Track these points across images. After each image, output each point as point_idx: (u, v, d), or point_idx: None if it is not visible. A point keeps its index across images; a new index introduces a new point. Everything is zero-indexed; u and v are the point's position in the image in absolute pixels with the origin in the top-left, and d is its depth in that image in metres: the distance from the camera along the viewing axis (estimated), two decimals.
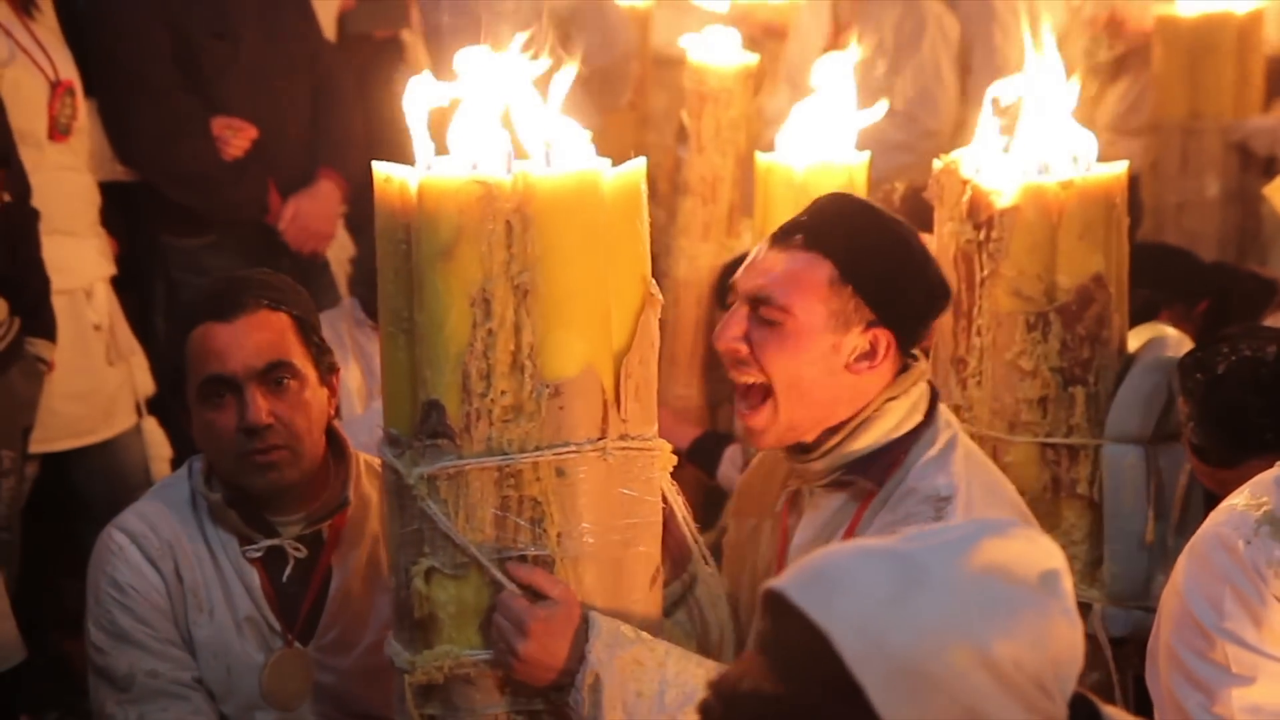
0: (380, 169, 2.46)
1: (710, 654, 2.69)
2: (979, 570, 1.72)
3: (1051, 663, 1.72)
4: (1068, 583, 1.76)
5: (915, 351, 2.75)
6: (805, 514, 2.76)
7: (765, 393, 2.66)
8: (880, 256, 2.68)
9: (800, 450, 2.73)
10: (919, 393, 2.73)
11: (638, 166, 2.51)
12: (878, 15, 6.32)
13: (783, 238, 2.67)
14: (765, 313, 2.64)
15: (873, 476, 2.69)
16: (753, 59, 5.34)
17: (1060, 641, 1.74)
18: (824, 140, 4.10)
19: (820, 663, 1.70)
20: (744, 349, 2.65)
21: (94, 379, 4.66)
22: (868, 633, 1.69)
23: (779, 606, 1.75)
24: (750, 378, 2.66)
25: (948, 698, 1.68)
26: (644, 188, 2.51)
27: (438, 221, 2.37)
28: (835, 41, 6.19)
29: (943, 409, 2.77)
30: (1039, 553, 1.75)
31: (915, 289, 2.71)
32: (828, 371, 2.65)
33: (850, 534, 2.68)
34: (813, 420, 2.68)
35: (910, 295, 2.70)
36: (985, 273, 3.07)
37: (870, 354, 2.66)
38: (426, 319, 2.40)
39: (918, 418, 2.72)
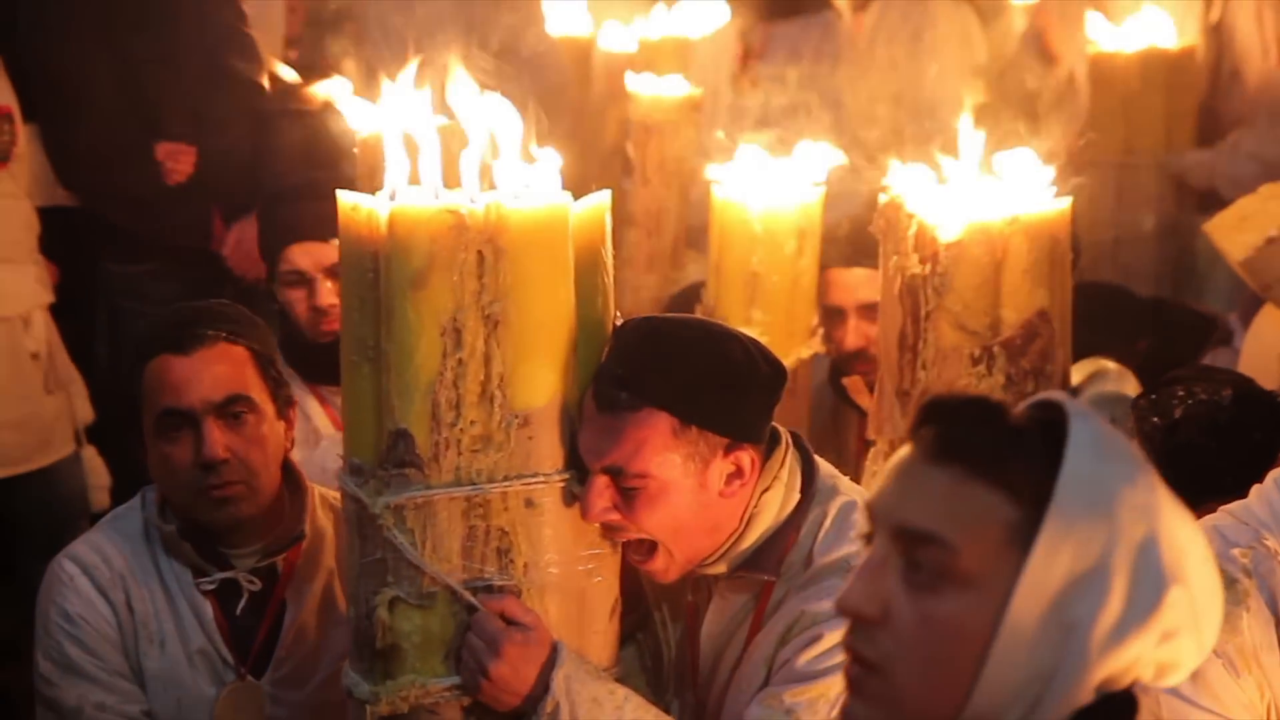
0: (346, 197, 2.46)
1: (659, 693, 2.70)
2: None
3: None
4: None
5: (773, 426, 2.70)
6: (713, 602, 2.73)
7: (651, 545, 2.60)
8: (711, 385, 2.58)
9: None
10: (788, 471, 2.67)
11: (602, 199, 2.53)
12: (793, 40, 6.34)
13: (608, 402, 2.53)
14: (624, 482, 2.54)
15: (767, 569, 2.66)
16: (697, 91, 5.37)
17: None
18: (777, 177, 4.13)
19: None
20: (616, 517, 2.56)
21: (31, 407, 4.63)
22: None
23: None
24: (632, 536, 2.60)
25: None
26: (608, 220, 2.53)
27: (410, 250, 2.38)
28: (743, 67, 6.22)
29: (823, 472, 2.72)
30: None
31: (754, 396, 2.62)
32: (704, 506, 2.59)
33: (756, 624, 2.66)
34: (709, 545, 2.63)
35: (751, 404, 2.62)
36: (930, 306, 3.08)
37: (738, 473, 2.60)
38: (396, 348, 2.41)
39: (795, 497, 2.67)
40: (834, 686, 2.52)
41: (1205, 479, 2.98)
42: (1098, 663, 1.71)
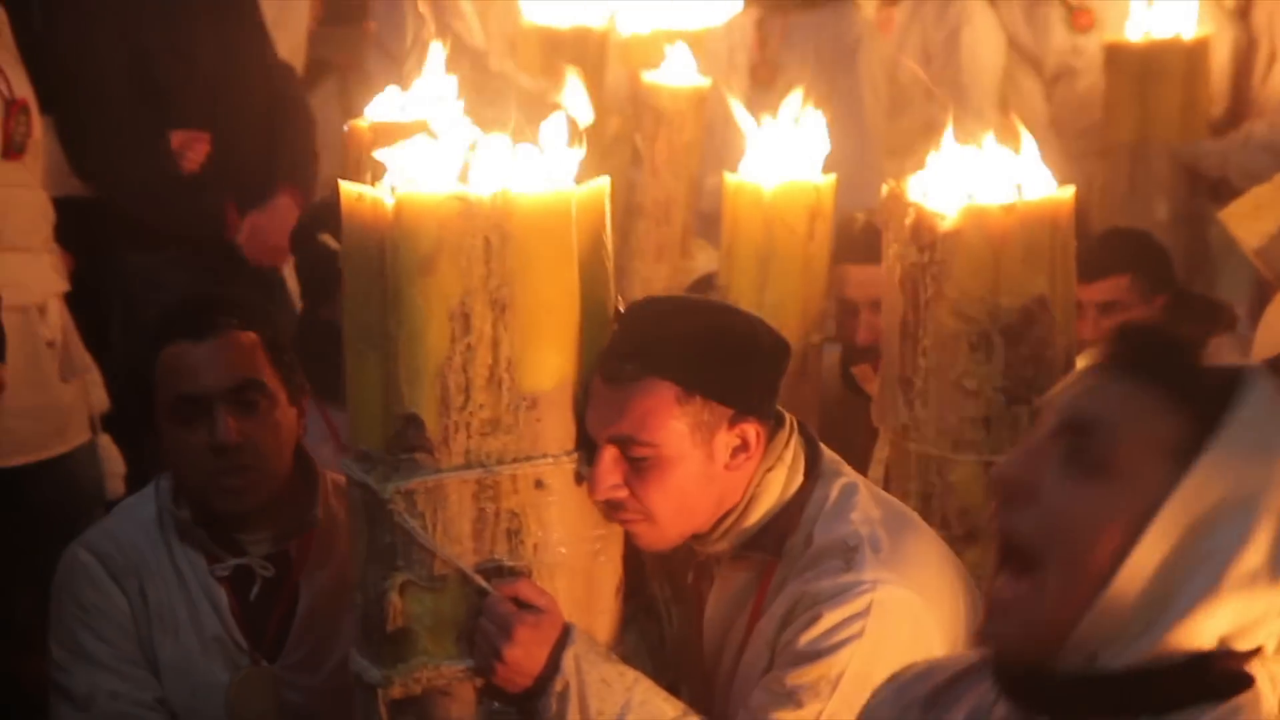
0: (349, 186, 2.48)
1: (662, 673, 2.72)
2: None
3: None
4: None
5: (778, 409, 2.71)
6: (715, 585, 2.74)
7: (646, 519, 2.62)
8: (713, 354, 2.61)
9: (698, 535, 2.69)
10: (792, 454, 2.68)
11: (601, 185, 2.55)
12: (811, 31, 6.32)
13: (615, 374, 2.55)
14: (634, 451, 2.55)
15: (769, 549, 2.67)
16: (705, 81, 5.38)
17: None
18: (790, 160, 4.14)
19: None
20: (624, 493, 2.57)
21: (47, 395, 4.65)
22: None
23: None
24: (632, 516, 2.60)
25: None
26: (608, 205, 2.56)
27: (417, 237, 2.40)
28: (762, 58, 6.22)
29: (827, 457, 2.74)
30: None
31: (756, 367, 2.65)
32: (709, 480, 2.61)
33: (759, 606, 2.67)
34: (706, 519, 2.65)
35: (754, 375, 2.64)
36: (929, 294, 3.09)
37: (743, 446, 2.62)
38: (405, 334, 2.43)
39: (799, 479, 2.68)
40: (835, 666, 2.54)
41: None
42: (1224, 600, 1.73)
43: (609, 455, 2.55)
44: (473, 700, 2.53)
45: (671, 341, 2.58)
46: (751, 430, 2.62)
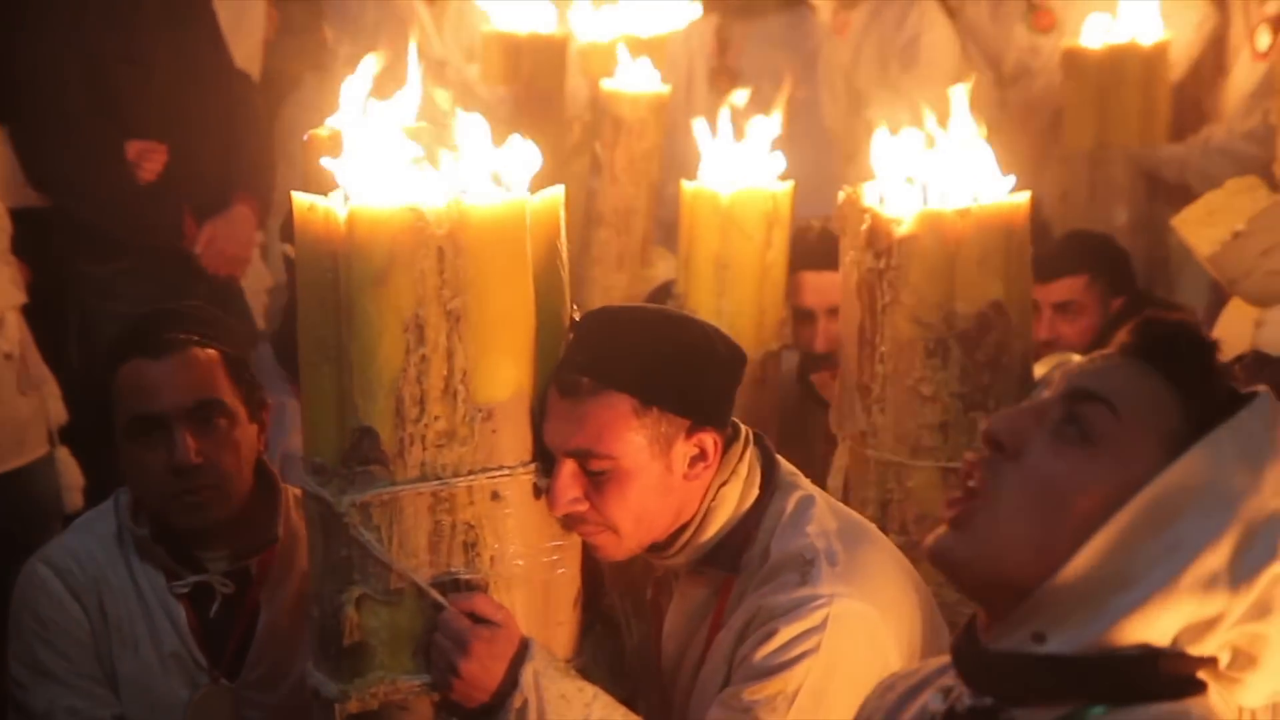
0: (301, 198, 2.47)
1: (619, 687, 2.71)
2: None
3: None
4: None
5: (734, 421, 2.71)
6: (675, 598, 2.74)
7: (607, 530, 2.61)
8: (669, 366, 2.60)
9: (655, 548, 2.68)
10: (747, 467, 2.68)
11: (556, 193, 2.54)
12: (770, 37, 6.33)
13: (571, 388, 2.54)
14: (593, 465, 2.54)
15: (726, 564, 2.66)
16: (665, 89, 5.37)
17: None
18: (748, 167, 4.15)
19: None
20: (584, 507, 2.56)
21: (5, 408, 4.62)
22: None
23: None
24: (593, 529, 2.60)
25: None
26: (562, 214, 2.55)
27: (370, 249, 2.38)
28: (721, 65, 6.23)
29: (784, 469, 2.73)
30: None
31: (712, 377, 2.64)
32: (668, 490, 2.60)
33: (717, 622, 2.66)
34: (663, 529, 2.64)
35: (711, 385, 2.64)
36: (886, 300, 3.10)
37: (701, 455, 2.61)
38: (358, 346, 2.41)
39: (754, 492, 2.67)
40: (792, 681, 2.53)
41: None
42: (1182, 595, 1.74)
43: (567, 470, 2.54)
44: (430, 715, 2.53)
45: (627, 354, 2.57)
46: (709, 440, 2.61)
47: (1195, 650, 1.77)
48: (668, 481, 2.59)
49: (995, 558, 1.78)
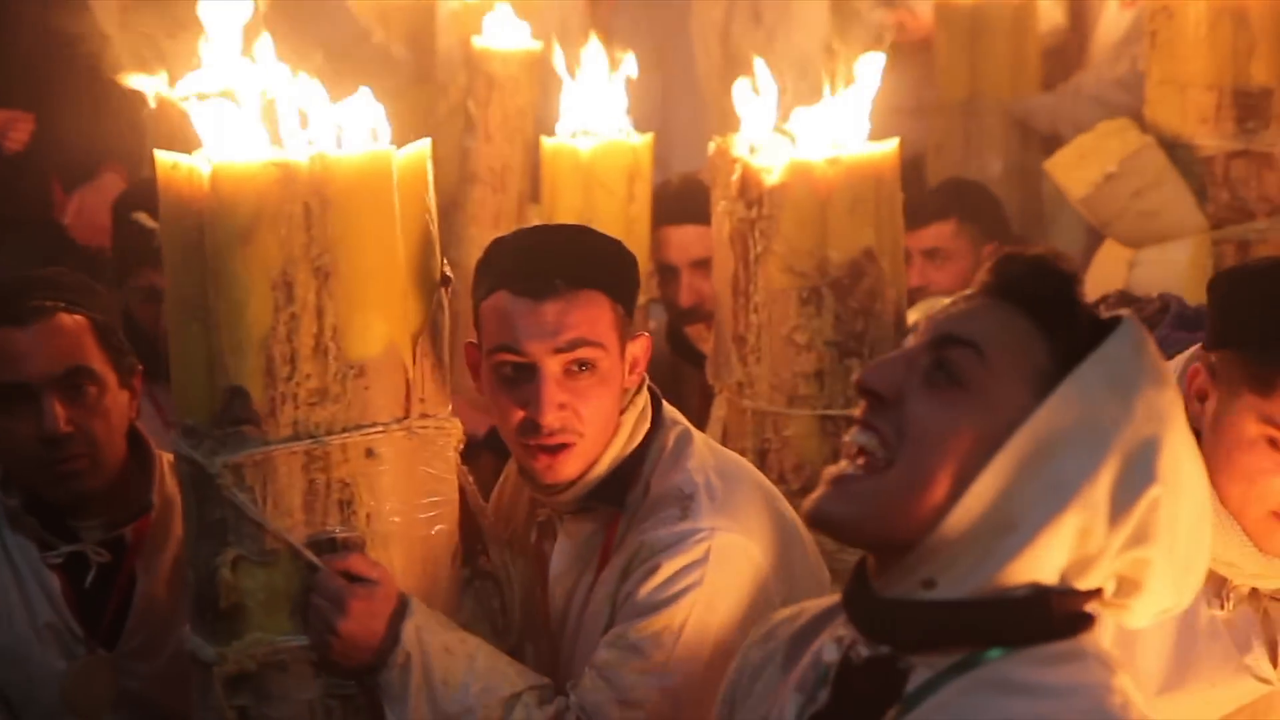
0: (164, 156, 2.44)
1: (504, 639, 2.71)
2: None
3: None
4: None
5: None
6: (559, 541, 2.75)
7: (578, 440, 2.62)
8: (621, 266, 2.67)
9: (550, 489, 2.68)
10: (642, 398, 2.71)
11: (422, 147, 2.52)
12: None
13: (544, 290, 2.57)
14: (584, 355, 2.58)
15: (613, 500, 2.68)
16: (537, 45, 5.35)
17: None
18: (605, 121, 4.15)
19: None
20: (569, 412, 2.59)
21: None
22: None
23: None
24: (565, 439, 2.60)
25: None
26: (429, 167, 2.53)
27: (235, 206, 2.36)
28: (594, 23, 6.22)
29: (664, 407, 2.76)
30: None
31: (637, 280, 2.72)
32: (621, 395, 2.65)
33: (604, 558, 2.68)
34: (602, 447, 2.65)
35: (637, 288, 2.72)
36: (759, 250, 3.11)
37: (636, 364, 2.67)
38: (226, 305, 2.39)
39: (645, 424, 2.70)
40: (677, 615, 2.55)
41: None
42: (1065, 531, 1.75)
43: (553, 372, 2.57)
44: (311, 676, 2.50)
45: (588, 254, 2.64)
46: (640, 346, 2.67)
47: (1083, 584, 1.79)
48: (622, 386, 2.64)
49: (877, 514, 1.79)
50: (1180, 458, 1.80)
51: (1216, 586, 2.49)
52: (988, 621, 1.77)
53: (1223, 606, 2.50)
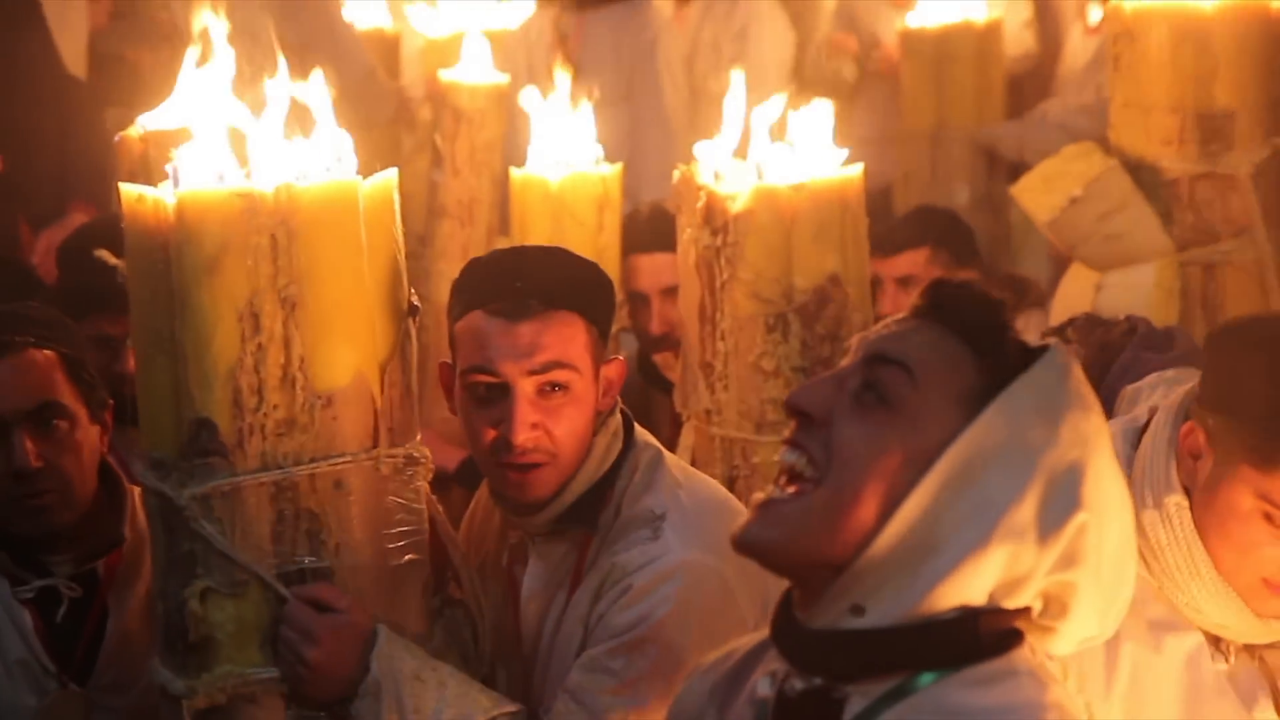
0: (129, 188, 2.44)
1: (476, 667, 2.71)
2: None
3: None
4: None
5: None
6: (531, 563, 2.75)
7: (550, 460, 2.64)
8: (597, 289, 2.70)
9: (524, 509, 2.70)
10: (616, 421, 2.73)
11: (389, 176, 2.53)
12: (610, 28, 6.35)
13: (519, 311, 2.59)
14: (557, 378, 2.60)
15: (585, 521, 2.69)
16: (504, 78, 5.37)
17: None
18: (574, 152, 4.16)
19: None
20: (540, 432, 2.61)
21: None
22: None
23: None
24: (537, 458, 2.62)
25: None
26: (396, 197, 2.53)
27: (201, 237, 2.36)
28: (561, 57, 6.24)
29: (636, 430, 2.77)
30: None
31: (612, 305, 2.75)
32: (594, 416, 2.67)
33: (576, 580, 2.69)
34: (574, 468, 2.67)
35: (612, 313, 2.75)
36: (725, 277, 3.12)
37: (609, 387, 2.69)
38: (192, 336, 2.39)
39: (618, 446, 2.72)
40: (650, 638, 2.57)
41: None
42: (993, 553, 1.76)
43: (524, 392, 2.58)
44: (281, 708, 2.49)
45: (564, 276, 2.66)
46: (614, 369, 2.69)
47: (1011, 603, 1.80)
48: (595, 408, 2.66)
49: (804, 536, 1.79)
50: (1105, 484, 1.82)
51: (1215, 641, 2.49)
52: (917, 646, 1.78)
53: (1226, 660, 2.50)
